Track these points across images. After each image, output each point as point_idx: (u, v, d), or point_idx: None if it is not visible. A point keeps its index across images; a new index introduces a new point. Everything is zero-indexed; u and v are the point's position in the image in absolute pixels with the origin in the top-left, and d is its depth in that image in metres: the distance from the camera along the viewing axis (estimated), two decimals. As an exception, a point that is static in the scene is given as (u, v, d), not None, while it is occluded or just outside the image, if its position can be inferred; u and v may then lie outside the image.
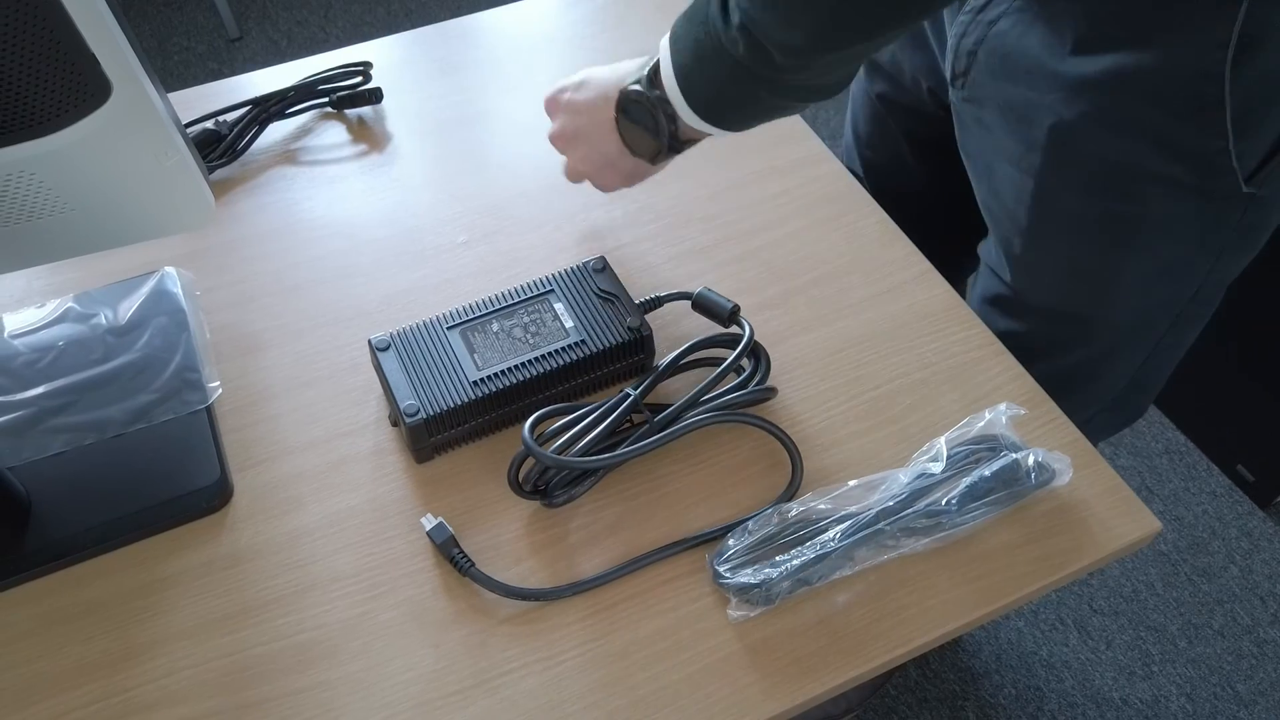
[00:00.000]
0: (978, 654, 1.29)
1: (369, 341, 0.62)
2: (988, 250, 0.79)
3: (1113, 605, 1.34)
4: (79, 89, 0.49)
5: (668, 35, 0.56)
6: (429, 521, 0.57)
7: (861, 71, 0.87)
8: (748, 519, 0.57)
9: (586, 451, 0.57)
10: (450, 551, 0.56)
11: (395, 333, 0.62)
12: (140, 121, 0.53)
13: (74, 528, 0.58)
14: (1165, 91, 0.59)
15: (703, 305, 0.65)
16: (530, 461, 0.57)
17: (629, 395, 0.60)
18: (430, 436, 0.59)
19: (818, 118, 1.94)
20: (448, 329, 0.62)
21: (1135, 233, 0.67)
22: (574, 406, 0.59)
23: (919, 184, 0.86)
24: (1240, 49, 0.56)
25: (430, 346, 0.61)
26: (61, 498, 0.59)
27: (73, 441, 0.61)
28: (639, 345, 0.63)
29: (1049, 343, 0.76)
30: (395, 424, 0.62)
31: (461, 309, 0.63)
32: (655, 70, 0.57)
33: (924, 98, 0.81)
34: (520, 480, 0.57)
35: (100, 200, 0.57)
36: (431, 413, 0.58)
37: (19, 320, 0.68)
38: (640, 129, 0.60)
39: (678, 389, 0.63)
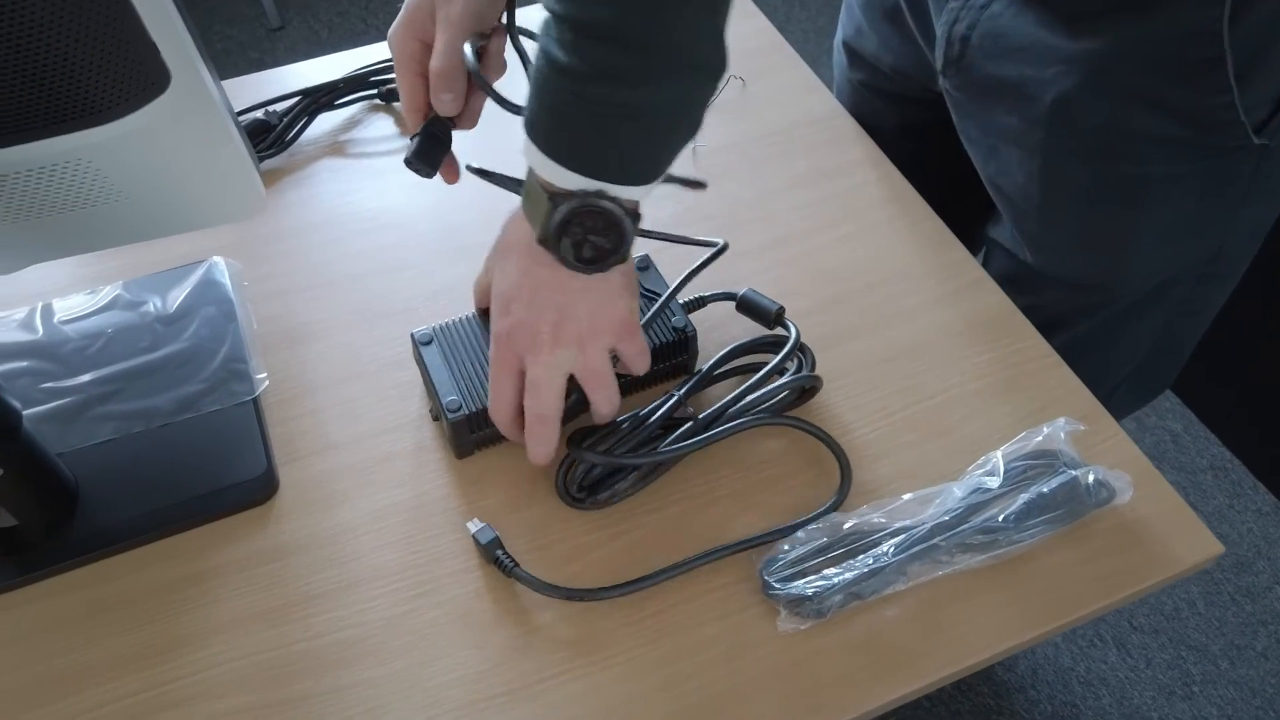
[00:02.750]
0: (1013, 668, 1.27)
1: (411, 335, 0.61)
2: (1001, 231, 0.79)
3: (1153, 623, 1.31)
4: (139, 77, 0.49)
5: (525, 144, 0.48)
6: (474, 525, 0.56)
7: (844, 60, 0.88)
8: (797, 528, 0.56)
9: (631, 451, 0.56)
10: (495, 554, 0.55)
11: (438, 327, 0.62)
12: (197, 111, 0.53)
13: (120, 516, 0.57)
14: (1164, 56, 0.60)
15: (748, 306, 0.64)
16: (575, 468, 0.56)
17: (673, 396, 0.59)
18: (472, 432, 0.59)
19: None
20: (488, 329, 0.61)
21: (1145, 195, 0.67)
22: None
23: (906, 169, 0.85)
24: (1237, 4, 0.57)
25: (473, 341, 0.61)
26: (108, 485, 0.59)
27: (120, 429, 0.61)
28: (683, 345, 0.62)
29: (1071, 311, 0.76)
30: (437, 419, 0.61)
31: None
32: (534, 194, 0.49)
33: (906, 86, 0.81)
34: (568, 486, 0.57)
35: (154, 189, 0.57)
36: (474, 409, 0.57)
37: (69, 306, 0.68)
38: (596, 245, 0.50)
39: (719, 394, 0.62)
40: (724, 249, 0.65)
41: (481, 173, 0.62)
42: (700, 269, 0.64)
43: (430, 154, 0.60)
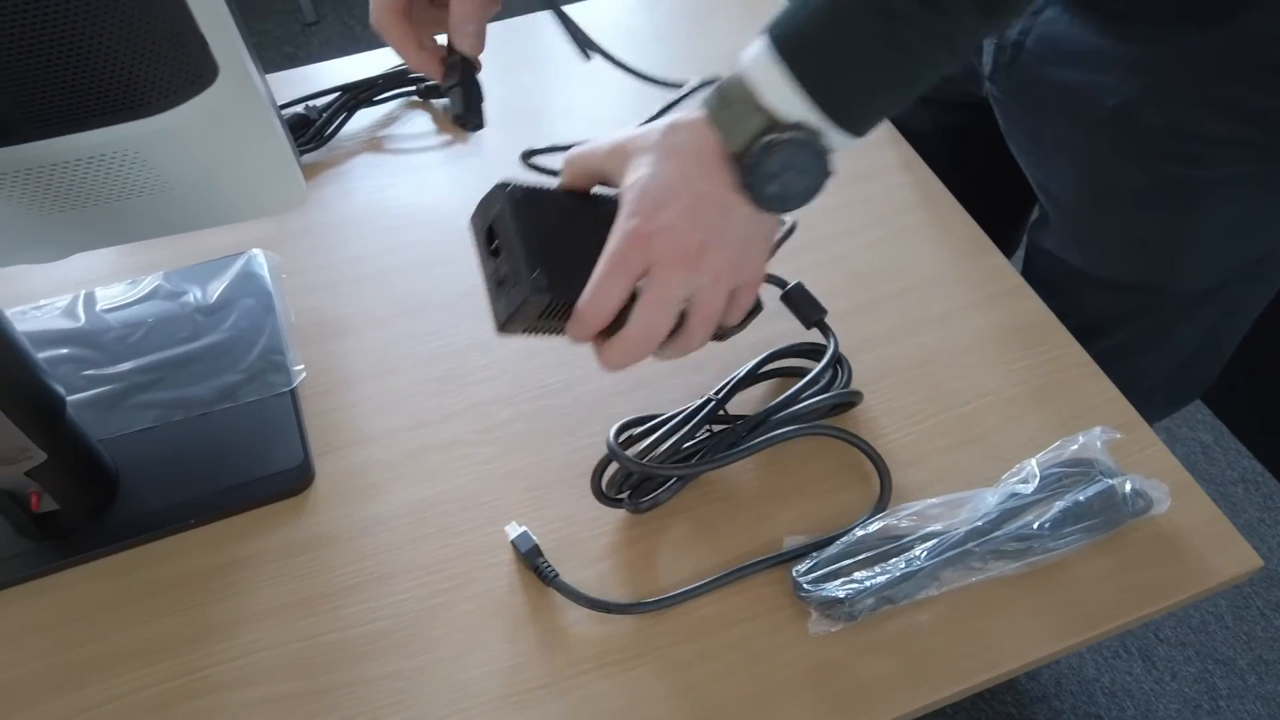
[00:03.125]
0: (1036, 677, 1.26)
1: (504, 189, 0.50)
2: (1045, 235, 0.78)
3: (1179, 635, 1.30)
4: (188, 70, 0.50)
5: (761, 46, 0.47)
6: (514, 530, 0.56)
7: None
8: (837, 539, 0.56)
9: (669, 457, 0.56)
10: (535, 561, 0.55)
11: (524, 188, 0.52)
12: (243, 104, 0.54)
13: (159, 503, 0.58)
14: (1233, 60, 0.60)
15: (793, 300, 0.63)
16: (613, 468, 0.57)
17: (710, 401, 0.59)
18: (539, 317, 0.50)
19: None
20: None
21: (1203, 196, 0.67)
22: (655, 415, 0.58)
23: (942, 173, 0.84)
24: None
25: (558, 218, 0.52)
26: (148, 472, 0.60)
27: (160, 418, 0.62)
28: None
29: (1116, 316, 0.76)
30: (501, 284, 0.50)
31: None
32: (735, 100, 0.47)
33: (946, 90, 0.80)
34: (604, 487, 0.57)
35: (198, 181, 0.57)
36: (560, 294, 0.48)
37: (111, 295, 0.69)
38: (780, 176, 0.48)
39: (754, 396, 0.62)
40: (793, 230, 0.61)
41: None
42: (774, 250, 0.58)
43: (476, 102, 0.56)
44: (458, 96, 0.56)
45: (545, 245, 0.49)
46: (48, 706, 0.51)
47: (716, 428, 0.59)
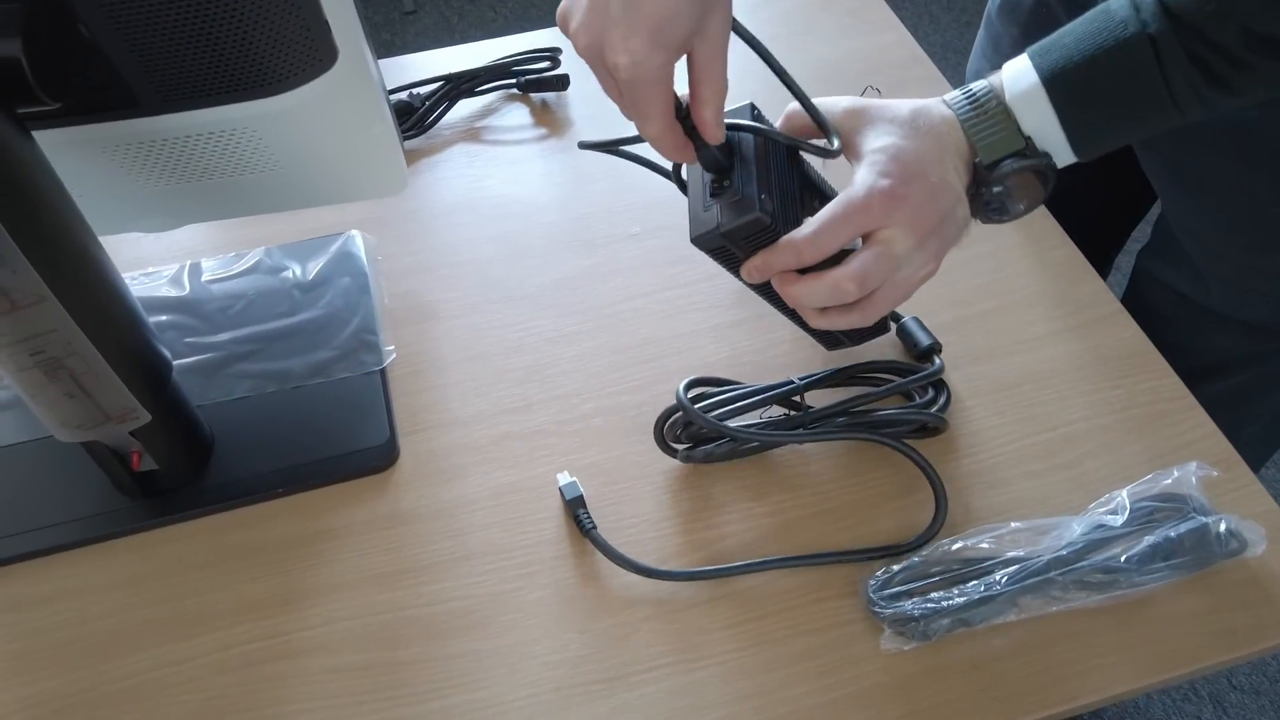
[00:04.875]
0: (1100, 713, 1.23)
1: (738, 118, 0.51)
2: (1165, 267, 0.75)
3: (1254, 683, 1.25)
4: (310, 53, 0.51)
5: (1021, 70, 0.51)
6: (564, 478, 0.58)
7: None
8: (906, 547, 0.55)
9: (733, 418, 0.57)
10: (576, 512, 0.57)
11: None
12: (358, 89, 0.55)
13: (250, 470, 0.60)
14: None
15: (904, 331, 0.64)
16: (677, 417, 0.57)
17: (790, 384, 0.59)
18: (745, 238, 0.51)
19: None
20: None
21: None
22: (733, 381, 0.59)
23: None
24: None
25: (777, 162, 0.53)
26: (241, 440, 0.62)
27: (255, 388, 0.64)
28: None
29: (1242, 355, 0.73)
30: (717, 195, 0.51)
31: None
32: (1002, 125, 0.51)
33: None
34: (665, 433, 0.58)
35: (307, 161, 0.59)
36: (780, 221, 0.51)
37: (215, 267, 0.71)
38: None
39: (836, 396, 0.62)
40: None
41: (598, 146, 0.62)
42: None
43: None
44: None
45: (768, 175, 0.51)
46: (137, 657, 0.54)
47: (789, 413, 0.59)
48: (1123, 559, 0.53)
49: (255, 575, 0.56)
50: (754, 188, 0.50)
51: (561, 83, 0.83)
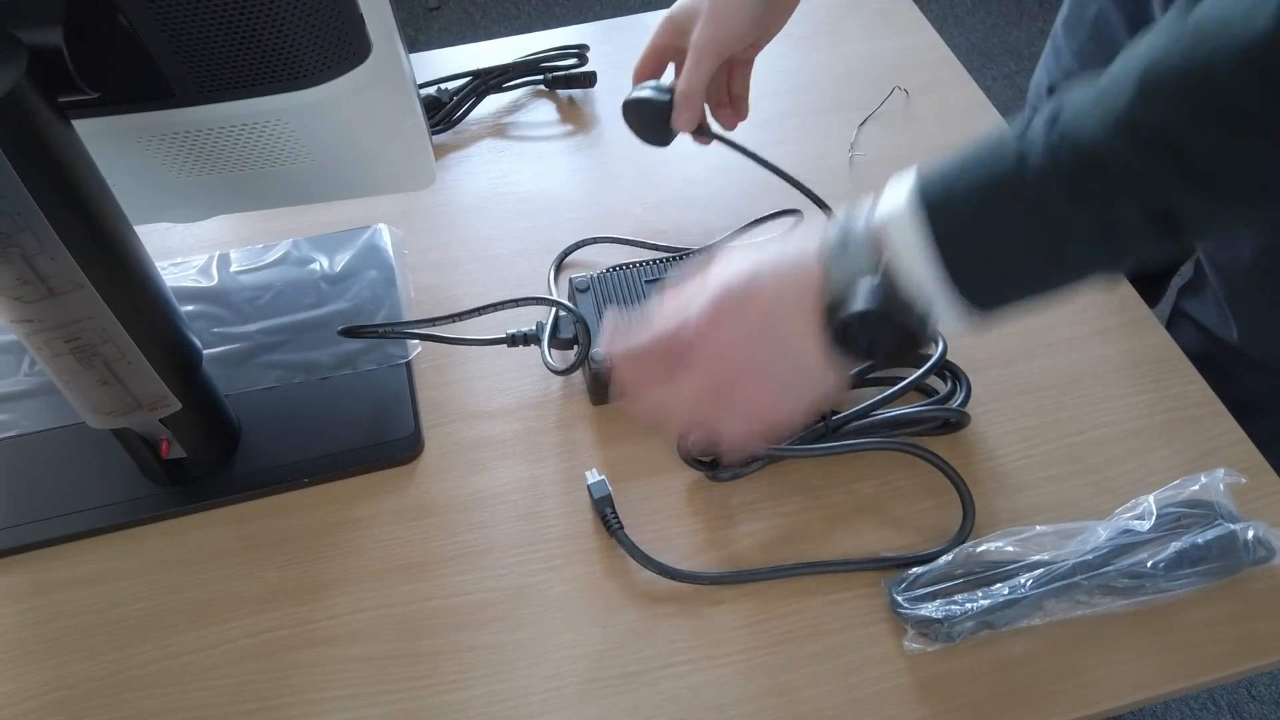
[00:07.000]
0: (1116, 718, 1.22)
1: (570, 281, 0.65)
2: (1198, 306, 0.75)
3: (1273, 694, 1.24)
4: (344, 46, 0.52)
5: (909, 211, 0.42)
6: (593, 476, 0.58)
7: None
8: (930, 551, 0.55)
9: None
10: (604, 510, 0.57)
11: (594, 276, 0.65)
12: (390, 83, 0.56)
13: (276, 459, 0.61)
14: None
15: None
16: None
17: None
18: (607, 386, 0.59)
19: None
20: (645, 282, 0.65)
21: None
22: None
23: None
24: None
25: (626, 294, 0.65)
26: (268, 430, 0.62)
27: (282, 378, 0.65)
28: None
29: (1273, 401, 0.71)
30: (578, 367, 0.64)
31: (658, 260, 0.67)
32: (881, 268, 0.43)
33: None
34: (689, 448, 0.58)
35: (338, 153, 0.59)
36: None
37: (243, 258, 0.72)
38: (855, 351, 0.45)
39: (863, 397, 0.62)
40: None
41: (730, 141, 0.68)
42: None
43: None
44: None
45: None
46: (165, 642, 0.54)
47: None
48: (1149, 564, 0.53)
49: (281, 563, 0.57)
50: (595, 345, 0.61)
51: (589, 79, 0.83)
